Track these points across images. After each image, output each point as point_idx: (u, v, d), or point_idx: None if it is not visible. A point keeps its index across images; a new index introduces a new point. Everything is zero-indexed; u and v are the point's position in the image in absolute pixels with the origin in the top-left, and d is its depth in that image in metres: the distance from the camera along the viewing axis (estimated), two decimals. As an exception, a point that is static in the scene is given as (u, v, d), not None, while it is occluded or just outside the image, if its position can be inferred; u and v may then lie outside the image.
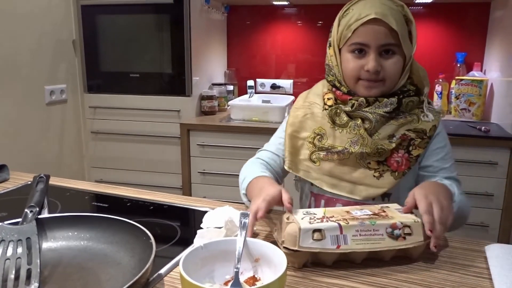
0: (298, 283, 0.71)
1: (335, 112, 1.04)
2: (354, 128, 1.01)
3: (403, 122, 1.02)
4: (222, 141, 2.21)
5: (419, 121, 1.03)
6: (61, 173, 2.32)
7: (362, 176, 1.02)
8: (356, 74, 1.01)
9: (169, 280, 0.72)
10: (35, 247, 0.72)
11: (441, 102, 2.42)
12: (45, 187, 0.89)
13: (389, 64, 0.99)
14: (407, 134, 1.01)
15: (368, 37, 0.97)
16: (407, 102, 1.02)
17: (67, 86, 2.39)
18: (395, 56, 0.99)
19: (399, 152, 1.01)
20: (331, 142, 1.04)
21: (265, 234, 0.90)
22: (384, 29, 0.96)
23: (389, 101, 1.00)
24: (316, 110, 1.08)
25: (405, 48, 0.99)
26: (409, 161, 1.01)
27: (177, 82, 2.30)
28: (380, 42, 0.97)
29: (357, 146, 1.01)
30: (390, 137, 1.01)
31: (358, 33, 0.98)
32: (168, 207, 1.05)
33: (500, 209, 1.92)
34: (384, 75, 0.99)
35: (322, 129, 1.06)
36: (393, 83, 1.02)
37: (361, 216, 0.79)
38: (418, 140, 1.01)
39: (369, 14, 0.95)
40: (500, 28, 2.20)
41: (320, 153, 1.05)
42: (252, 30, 2.77)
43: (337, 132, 1.04)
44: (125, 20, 2.32)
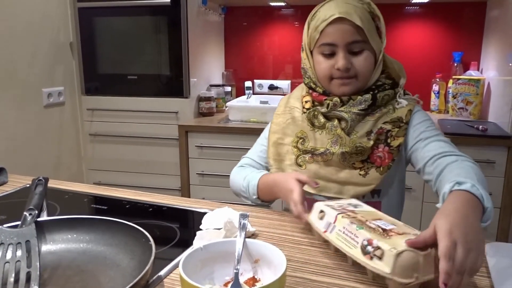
0: (298, 284, 0.71)
1: (313, 115, 1.07)
2: (331, 129, 1.04)
3: (378, 115, 1.03)
4: (221, 142, 2.21)
5: (394, 110, 1.04)
6: (59, 176, 2.32)
7: (349, 176, 1.03)
8: (328, 73, 1.03)
9: (169, 282, 0.72)
10: (35, 250, 0.72)
11: (438, 101, 2.43)
12: (44, 189, 0.89)
13: (359, 60, 1.01)
14: (383, 128, 1.02)
15: (335, 36, 1.00)
16: (382, 96, 1.03)
17: (64, 89, 2.38)
18: (364, 52, 1.01)
19: (379, 147, 1.03)
20: (312, 145, 1.07)
21: (264, 235, 0.90)
22: (349, 27, 0.98)
23: (363, 98, 1.02)
24: (297, 114, 1.11)
25: (373, 43, 1.01)
26: (391, 153, 1.02)
27: (175, 84, 2.30)
28: (347, 40, 0.99)
29: (337, 146, 1.03)
30: (368, 134, 1.02)
31: (325, 33, 1.00)
32: (167, 209, 1.05)
33: (499, 208, 1.93)
34: (355, 71, 1.01)
35: (303, 132, 1.09)
36: (365, 79, 1.03)
37: (362, 219, 0.77)
38: (396, 130, 1.02)
39: (333, 14, 0.98)
40: (497, 27, 2.21)
41: (305, 156, 1.07)
42: (249, 31, 2.77)
43: (317, 134, 1.06)
44: (122, 22, 2.31)
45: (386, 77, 1.06)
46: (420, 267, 0.64)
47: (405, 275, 0.64)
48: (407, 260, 0.64)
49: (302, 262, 0.78)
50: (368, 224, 0.75)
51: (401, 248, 0.65)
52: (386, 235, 0.70)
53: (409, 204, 1.15)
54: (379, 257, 0.66)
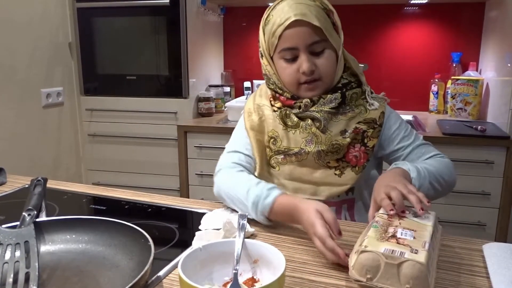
0: (297, 284, 0.71)
1: (285, 114, 1.04)
2: (305, 127, 1.02)
3: (351, 115, 1.03)
4: (220, 143, 2.21)
5: (367, 111, 1.04)
6: (58, 176, 2.32)
7: (323, 175, 1.03)
8: (294, 79, 1.01)
9: (168, 282, 0.72)
10: (34, 250, 0.71)
11: (437, 102, 2.44)
12: (43, 190, 0.89)
13: (322, 61, 0.99)
14: (358, 128, 1.03)
15: (294, 40, 0.97)
16: (351, 94, 1.03)
17: (63, 89, 2.38)
18: (326, 51, 0.99)
19: (355, 146, 1.03)
20: (285, 144, 1.04)
21: (263, 236, 0.90)
22: (307, 28, 0.96)
23: (333, 96, 1.01)
24: (267, 112, 1.08)
25: (333, 41, 1.00)
26: (367, 154, 1.03)
27: (174, 84, 2.30)
28: (307, 42, 0.97)
29: (312, 145, 1.02)
30: (342, 132, 1.02)
31: (284, 38, 0.98)
32: (166, 209, 1.05)
33: (497, 208, 1.93)
34: (320, 72, 1.00)
35: (275, 131, 1.06)
36: (331, 79, 1.02)
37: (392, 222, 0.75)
38: (371, 131, 1.03)
39: (289, 17, 0.95)
40: (495, 27, 2.21)
41: (278, 157, 1.05)
42: (248, 32, 2.77)
43: (290, 134, 1.04)
44: (121, 22, 2.31)
45: (350, 74, 1.06)
46: (379, 271, 0.64)
47: (359, 272, 0.66)
48: (365, 260, 0.66)
49: (301, 263, 0.78)
50: (389, 227, 0.73)
51: (368, 249, 0.66)
52: (386, 239, 0.69)
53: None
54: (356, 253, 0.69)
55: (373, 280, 0.65)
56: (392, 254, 0.64)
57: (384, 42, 2.52)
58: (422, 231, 0.73)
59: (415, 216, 0.78)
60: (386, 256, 0.64)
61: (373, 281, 0.65)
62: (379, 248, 0.66)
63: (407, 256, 0.64)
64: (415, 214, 0.78)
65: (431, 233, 0.72)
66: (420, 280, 0.62)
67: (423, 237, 0.70)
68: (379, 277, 0.65)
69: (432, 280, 0.65)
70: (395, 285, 0.63)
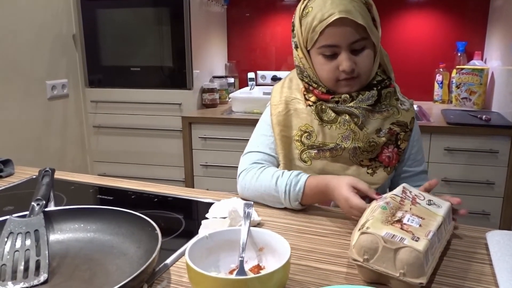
0: (303, 271, 0.72)
1: (321, 109, 1.02)
2: (344, 123, 1.01)
3: (386, 115, 1.03)
4: (224, 134, 2.22)
5: (399, 112, 1.04)
6: (64, 168, 2.32)
7: (356, 173, 1.02)
8: (333, 76, 0.99)
9: (175, 270, 0.73)
10: (43, 239, 0.73)
11: (442, 91, 2.43)
12: (51, 180, 0.90)
13: (362, 59, 0.97)
14: (393, 129, 1.03)
15: (337, 38, 0.94)
16: (386, 93, 1.03)
17: (68, 81, 2.39)
18: (366, 49, 0.97)
19: (389, 147, 1.03)
20: (321, 140, 1.02)
21: (269, 224, 0.91)
22: (351, 27, 0.93)
23: (370, 94, 1.00)
24: (299, 106, 1.05)
25: (373, 37, 0.97)
26: (399, 155, 1.04)
27: (178, 75, 2.31)
28: (350, 41, 0.95)
29: (349, 141, 1.00)
30: (377, 131, 1.02)
31: (325, 35, 0.94)
32: (172, 199, 1.06)
33: (501, 197, 1.93)
34: (359, 70, 0.98)
35: (309, 126, 1.03)
36: (369, 75, 1.02)
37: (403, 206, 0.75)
38: (403, 134, 1.04)
39: (333, 14, 0.92)
40: (501, 16, 2.19)
41: (311, 152, 1.03)
42: (252, 22, 2.76)
43: (326, 129, 1.02)
44: (125, 13, 2.31)
45: (382, 71, 1.05)
46: (376, 254, 0.66)
47: (358, 252, 0.67)
48: (364, 241, 0.67)
49: (306, 251, 0.79)
50: (398, 211, 0.73)
51: (369, 231, 0.67)
52: (391, 223, 0.70)
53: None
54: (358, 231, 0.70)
55: (369, 262, 0.66)
56: (392, 238, 0.65)
57: (388, 32, 2.51)
58: (431, 220, 0.73)
59: (429, 204, 0.78)
60: (385, 240, 0.65)
61: (369, 262, 0.66)
62: (381, 231, 0.67)
63: (406, 242, 0.64)
64: (429, 202, 0.78)
65: (439, 223, 0.72)
66: (415, 267, 0.63)
67: (429, 226, 0.70)
68: (375, 260, 0.66)
69: (429, 269, 0.65)
70: (390, 269, 0.65)
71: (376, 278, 0.67)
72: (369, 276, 0.68)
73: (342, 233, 0.86)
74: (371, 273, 0.67)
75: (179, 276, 0.71)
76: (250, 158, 1.07)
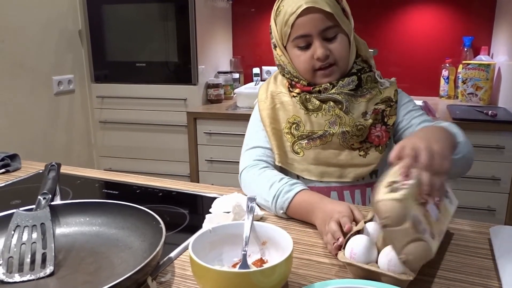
0: (305, 265, 0.73)
1: (305, 98, 1.05)
2: (329, 109, 1.03)
3: (369, 97, 1.05)
4: (229, 129, 2.22)
5: (381, 92, 1.06)
6: (70, 163, 2.33)
7: (349, 157, 1.03)
8: (309, 66, 1.02)
9: (178, 263, 0.74)
10: (49, 232, 0.74)
11: (448, 87, 2.41)
12: (57, 175, 0.91)
13: (335, 46, 1.00)
14: (377, 108, 1.04)
15: (307, 27, 0.98)
16: (366, 77, 1.05)
17: (74, 76, 2.41)
18: (338, 36, 1.01)
19: (376, 126, 1.04)
20: (309, 128, 1.04)
21: (272, 219, 0.92)
22: (319, 14, 0.97)
23: (350, 79, 1.03)
24: (285, 98, 1.08)
25: (344, 26, 1.01)
26: (388, 132, 1.04)
27: (183, 71, 2.31)
28: (320, 28, 0.98)
29: (336, 126, 1.02)
30: (363, 114, 1.04)
31: (296, 26, 0.99)
32: (176, 194, 1.07)
33: (507, 193, 1.93)
34: (334, 57, 1.01)
35: (297, 117, 1.05)
36: (345, 63, 1.04)
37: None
38: (388, 109, 1.05)
39: (301, 5, 0.97)
40: (508, 11, 2.17)
41: (302, 142, 1.04)
42: (257, 18, 2.76)
43: (313, 117, 1.04)
44: (130, 9, 2.32)
45: (362, 61, 1.08)
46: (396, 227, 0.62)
47: (380, 213, 0.63)
48: (392, 208, 0.62)
49: (308, 245, 0.80)
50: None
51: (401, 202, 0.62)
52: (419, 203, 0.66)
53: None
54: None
55: (386, 228, 0.63)
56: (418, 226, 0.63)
57: (394, 27, 2.50)
58: (445, 217, 0.74)
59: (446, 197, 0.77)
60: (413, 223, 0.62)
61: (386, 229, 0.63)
62: (411, 209, 0.63)
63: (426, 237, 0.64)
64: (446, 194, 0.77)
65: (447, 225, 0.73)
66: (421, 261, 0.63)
67: (441, 225, 0.72)
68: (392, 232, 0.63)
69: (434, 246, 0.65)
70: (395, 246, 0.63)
71: (366, 275, 0.66)
72: (358, 274, 0.67)
73: (345, 227, 0.87)
74: (359, 271, 0.66)
75: (183, 269, 0.72)
76: (249, 155, 1.08)
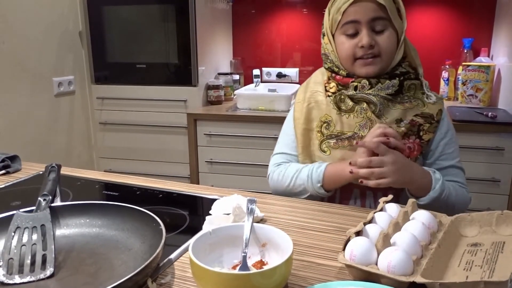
0: (304, 267, 0.73)
1: (339, 98, 1.04)
2: (360, 112, 1.02)
3: (408, 106, 1.02)
4: (229, 130, 2.22)
5: (425, 105, 1.03)
6: (70, 164, 2.33)
7: None
8: (351, 53, 1.02)
9: (178, 265, 0.74)
10: (50, 233, 0.74)
11: (448, 88, 2.42)
12: (57, 176, 0.92)
13: (383, 38, 1.00)
14: (415, 120, 1.02)
15: (357, 14, 0.99)
16: (409, 84, 1.03)
17: (74, 78, 2.41)
18: (387, 30, 1.01)
19: (410, 138, 1.02)
20: (339, 129, 1.04)
21: (272, 220, 0.92)
22: (372, 4, 0.98)
23: (391, 83, 1.01)
24: (320, 98, 1.09)
25: (396, 22, 1.01)
26: (421, 146, 1.03)
27: (183, 72, 2.32)
28: (370, 16, 0.99)
29: (367, 129, 1.01)
30: (398, 121, 1.02)
31: (347, 13, 1.00)
32: (177, 195, 1.07)
33: (507, 195, 1.93)
34: (379, 49, 1.00)
35: (328, 116, 1.06)
36: (389, 58, 1.02)
37: None
38: (427, 125, 1.02)
39: None
40: (508, 13, 2.17)
41: (330, 141, 1.05)
42: (257, 19, 2.76)
43: (344, 118, 1.04)
44: (130, 10, 2.32)
45: (408, 66, 1.05)
46: None
47: None
48: None
49: (308, 247, 0.80)
50: None
51: None
52: None
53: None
54: None
55: None
56: None
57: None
58: None
59: None
60: None
61: None
62: None
63: None
64: None
65: None
66: None
67: None
68: None
69: None
70: None
71: (366, 277, 0.66)
72: (358, 276, 0.67)
73: (343, 229, 0.87)
74: (359, 272, 0.67)
75: (183, 271, 0.72)
76: (275, 160, 1.15)
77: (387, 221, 0.75)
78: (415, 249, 0.68)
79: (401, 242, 0.68)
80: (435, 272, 0.66)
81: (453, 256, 0.72)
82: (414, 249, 0.68)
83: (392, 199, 0.83)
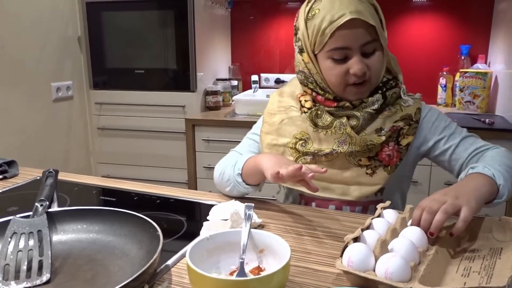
0: (302, 273, 0.72)
1: (315, 114, 0.99)
2: (339, 127, 0.97)
3: (387, 114, 0.99)
4: (227, 136, 2.22)
5: (402, 109, 1.00)
6: (68, 169, 2.34)
7: (354, 174, 0.99)
8: (342, 80, 0.95)
9: (176, 271, 0.74)
10: (46, 239, 0.74)
11: (445, 95, 2.42)
12: (54, 181, 0.91)
13: (373, 62, 0.94)
14: (395, 125, 0.98)
15: (348, 40, 0.90)
16: (391, 94, 0.99)
17: (73, 83, 2.41)
18: (377, 52, 0.94)
19: (389, 145, 0.98)
20: (317, 146, 1.00)
21: (270, 226, 0.92)
22: (362, 28, 0.90)
23: (374, 99, 0.97)
24: (294, 113, 1.03)
25: (382, 40, 0.94)
26: (400, 152, 0.98)
27: (182, 78, 2.32)
28: (361, 42, 0.91)
29: (346, 145, 0.97)
30: (377, 130, 0.98)
31: (336, 37, 0.90)
32: (174, 201, 1.07)
33: (505, 202, 1.92)
34: (371, 74, 0.94)
35: (305, 133, 1.01)
36: (378, 79, 0.98)
37: None
38: (407, 128, 0.98)
39: (344, 15, 0.88)
40: (505, 20, 2.19)
41: (307, 158, 1.01)
42: (256, 25, 2.77)
43: (321, 135, 0.99)
44: (129, 16, 2.33)
45: (387, 72, 1.02)
46: None
47: None
48: None
49: (305, 253, 0.80)
50: None
51: None
52: None
53: (414, 198, 1.13)
54: None
55: None
56: None
57: (392, 35, 2.51)
58: None
59: None
60: None
61: None
62: None
63: None
64: None
65: None
66: None
67: None
68: None
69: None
70: None
71: (363, 283, 0.66)
72: (355, 282, 0.67)
73: (341, 235, 0.87)
74: (356, 279, 0.66)
75: (180, 277, 0.72)
76: (231, 154, 1.12)
77: (385, 227, 0.75)
78: (413, 256, 0.68)
79: (399, 249, 0.68)
80: (433, 279, 0.66)
81: (451, 263, 0.72)
82: (412, 255, 0.68)
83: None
